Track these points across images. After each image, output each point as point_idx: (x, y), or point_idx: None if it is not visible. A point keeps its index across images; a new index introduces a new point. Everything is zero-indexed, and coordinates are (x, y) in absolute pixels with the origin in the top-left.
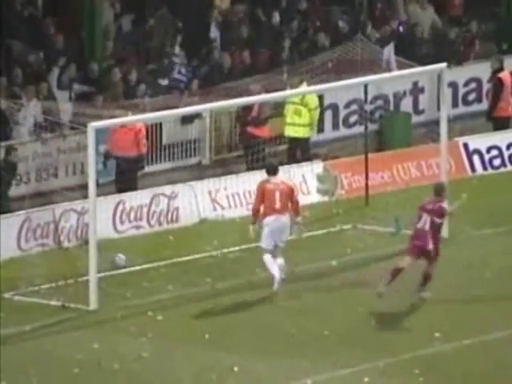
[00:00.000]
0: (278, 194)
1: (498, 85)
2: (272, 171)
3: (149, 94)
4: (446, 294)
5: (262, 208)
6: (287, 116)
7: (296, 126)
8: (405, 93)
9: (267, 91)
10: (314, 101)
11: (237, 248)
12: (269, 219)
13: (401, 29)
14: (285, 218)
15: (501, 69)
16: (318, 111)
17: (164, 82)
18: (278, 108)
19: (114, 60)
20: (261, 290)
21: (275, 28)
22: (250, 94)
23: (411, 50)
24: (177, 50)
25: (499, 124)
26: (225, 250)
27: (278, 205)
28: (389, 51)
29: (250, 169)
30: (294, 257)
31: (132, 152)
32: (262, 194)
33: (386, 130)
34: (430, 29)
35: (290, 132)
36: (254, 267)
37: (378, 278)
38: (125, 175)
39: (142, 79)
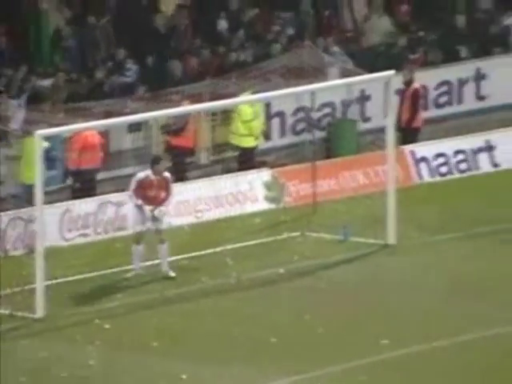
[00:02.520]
0: None
1: (416, 95)
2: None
3: (97, 99)
4: (392, 301)
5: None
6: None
7: (233, 134)
8: (352, 100)
9: (215, 98)
10: (246, 113)
11: (185, 256)
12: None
13: (347, 37)
14: None
15: (411, 80)
16: (255, 122)
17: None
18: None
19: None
20: (209, 298)
21: (222, 34)
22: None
23: (360, 57)
24: (122, 54)
25: (412, 135)
26: (173, 258)
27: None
28: (341, 59)
29: (177, 179)
30: (241, 264)
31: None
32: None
33: (334, 138)
34: (379, 36)
35: (231, 139)
36: (201, 275)
37: (328, 285)
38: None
39: (90, 83)
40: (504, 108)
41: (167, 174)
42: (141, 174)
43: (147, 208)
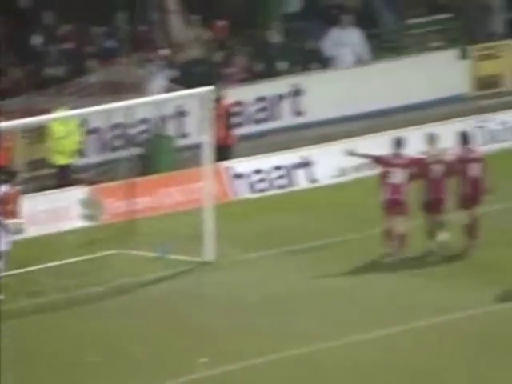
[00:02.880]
0: None
1: (227, 112)
2: None
3: None
4: (211, 318)
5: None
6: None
7: (49, 151)
8: (170, 116)
9: (29, 115)
10: (59, 130)
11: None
12: None
13: (164, 52)
14: None
15: (222, 97)
16: (68, 140)
17: None
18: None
19: None
20: (25, 317)
21: (36, 49)
22: None
23: (176, 73)
24: None
25: (226, 152)
26: None
27: None
28: (158, 75)
29: None
30: (59, 283)
31: None
32: None
33: (151, 154)
34: (196, 51)
35: (47, 156)
36: (17, 294)
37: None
38: None
39: None
40: (321, 124)
41: (17, 187)
42: None
43: (9, 222)
